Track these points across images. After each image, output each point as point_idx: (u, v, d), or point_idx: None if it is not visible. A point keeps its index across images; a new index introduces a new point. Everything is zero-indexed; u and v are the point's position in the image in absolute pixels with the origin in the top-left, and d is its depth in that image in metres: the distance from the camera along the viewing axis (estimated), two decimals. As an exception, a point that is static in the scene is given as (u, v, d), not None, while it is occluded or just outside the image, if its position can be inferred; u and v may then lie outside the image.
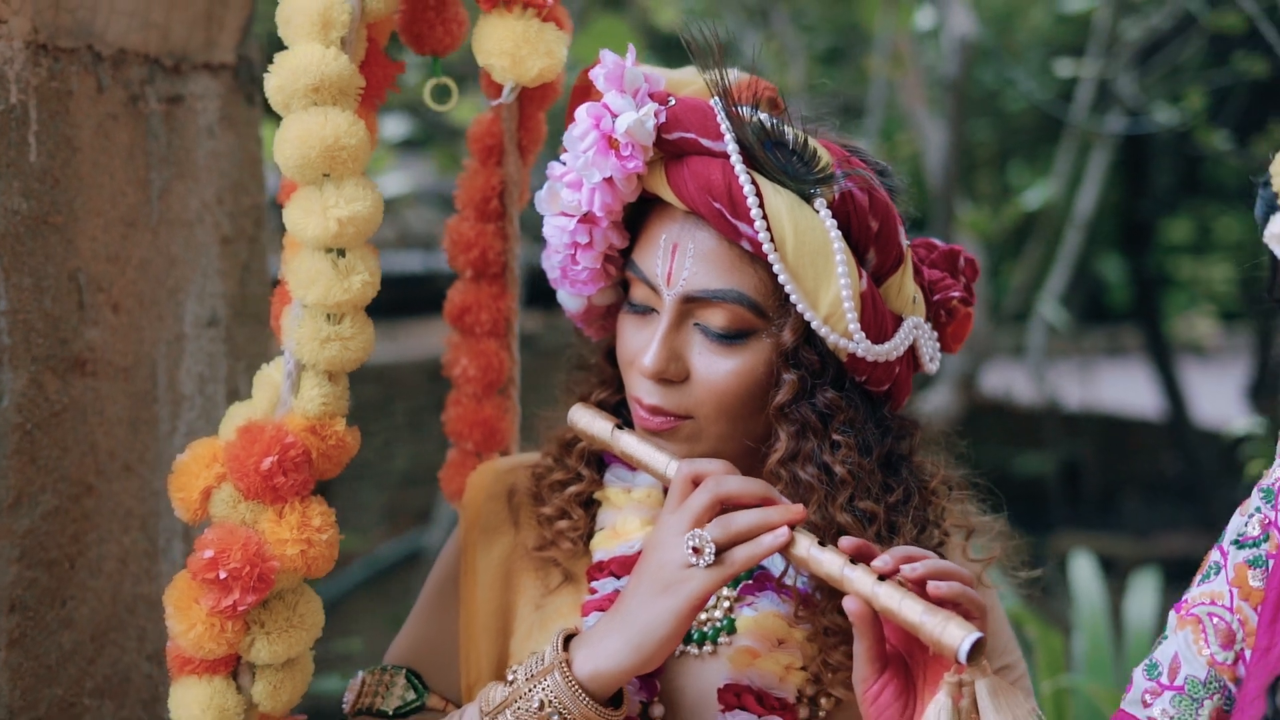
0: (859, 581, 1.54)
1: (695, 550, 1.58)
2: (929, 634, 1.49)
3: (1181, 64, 6.07)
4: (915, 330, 1.73)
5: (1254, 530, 1.61)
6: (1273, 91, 6.59)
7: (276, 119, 1.66)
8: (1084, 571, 4.06)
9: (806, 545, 1.59)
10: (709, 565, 1.58)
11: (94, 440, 1.96)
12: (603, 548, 1.79)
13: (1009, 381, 8.99)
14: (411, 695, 1.81)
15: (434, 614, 1.86)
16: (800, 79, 5.24)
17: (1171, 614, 1.64)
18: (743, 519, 1.59)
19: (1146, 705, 1.62)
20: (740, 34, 5.41)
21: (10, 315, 1.83)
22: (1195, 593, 1.63)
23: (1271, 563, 1.58)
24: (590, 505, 1.83)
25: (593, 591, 1.77)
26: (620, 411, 1.80)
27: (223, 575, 1.60)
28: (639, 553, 1.75)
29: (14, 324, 1.84)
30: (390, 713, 1.80)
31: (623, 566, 1.76)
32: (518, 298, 2.01)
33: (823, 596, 1.71)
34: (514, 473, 1.89)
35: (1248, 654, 1.58)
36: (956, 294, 1.80)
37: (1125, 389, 11.02)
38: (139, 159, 2.01)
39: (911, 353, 1.73)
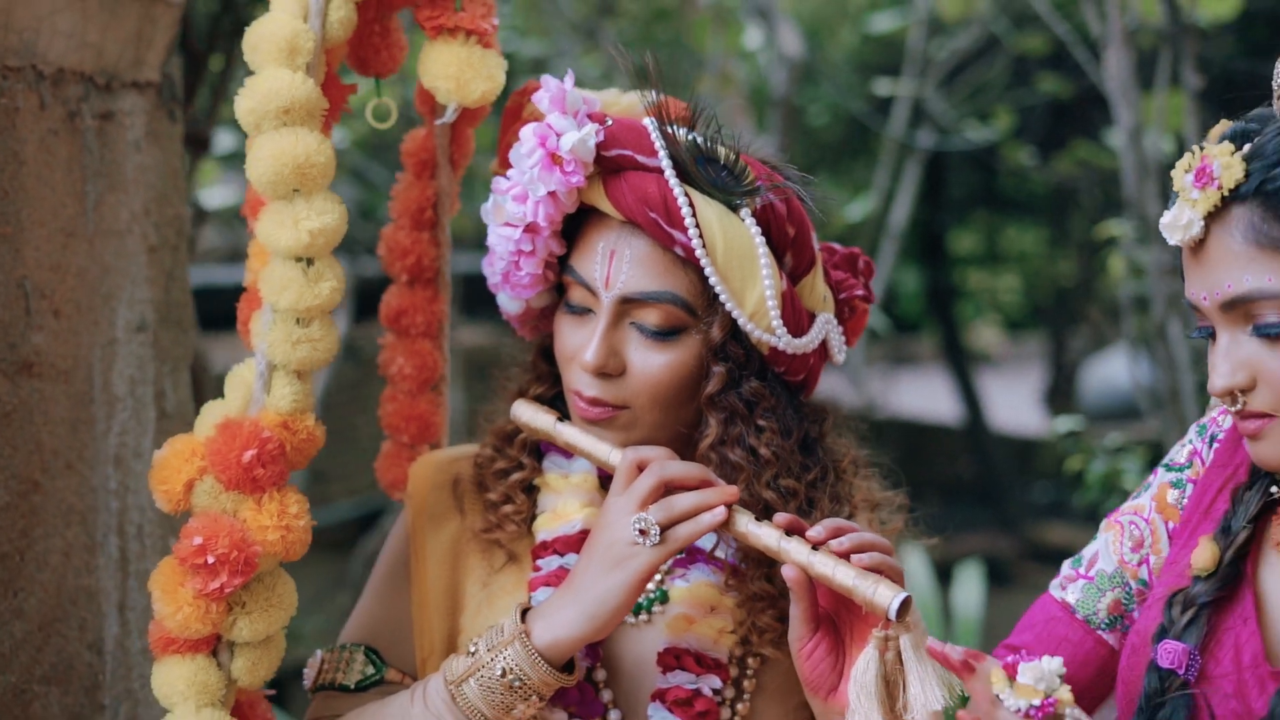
0: (795, 552, 1.72)
1: (642, 531, 1.75)
2: (862, 596, 1.68)
3: (987, 84, 6.41)
4: (826, 325, 1.92)
5: (1181, 458, 1.87)
6: (1072, 110, 7.01)
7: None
8: (912, 565, 4.32)
9: (744, 521, 1.77)
10: (655, 544, 1.75)
11: (40, 439, 2.06)
12: (546, 529, 1.95)
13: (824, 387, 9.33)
14: (371, 670, 1.95)
15: (386, 595, 2.00)
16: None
17: (1104, 520, 1.91)
18: (684, 500, 1.76)
19: (1064, 589, 1.88)
20: (568, 51, 5.59)
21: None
22: (1126, 504, 1.89)
23: (1191, 487, 1.82)
24: (531, 490, 1.99)
25: (537, 569, 1.93)
26: (556, 404, 1.96)
27: (211, 560, 1.72)
28: (580, 532, 1.92)
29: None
30: (352, 686, 1.93)
31: (565, 545, 1.92)
32: (448, 301, 2.16)
33: (749, 566, 1.89)
34: (456, 464, 2.04)
35: (1152, 560, 1.83)
36: (859, 292, 2.00)
37: (921, 395, 11.44)
38: (76, 172, 2.11)
39: (823, 346, 1.93)
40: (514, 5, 5.70)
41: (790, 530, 1.74)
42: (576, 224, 1.89)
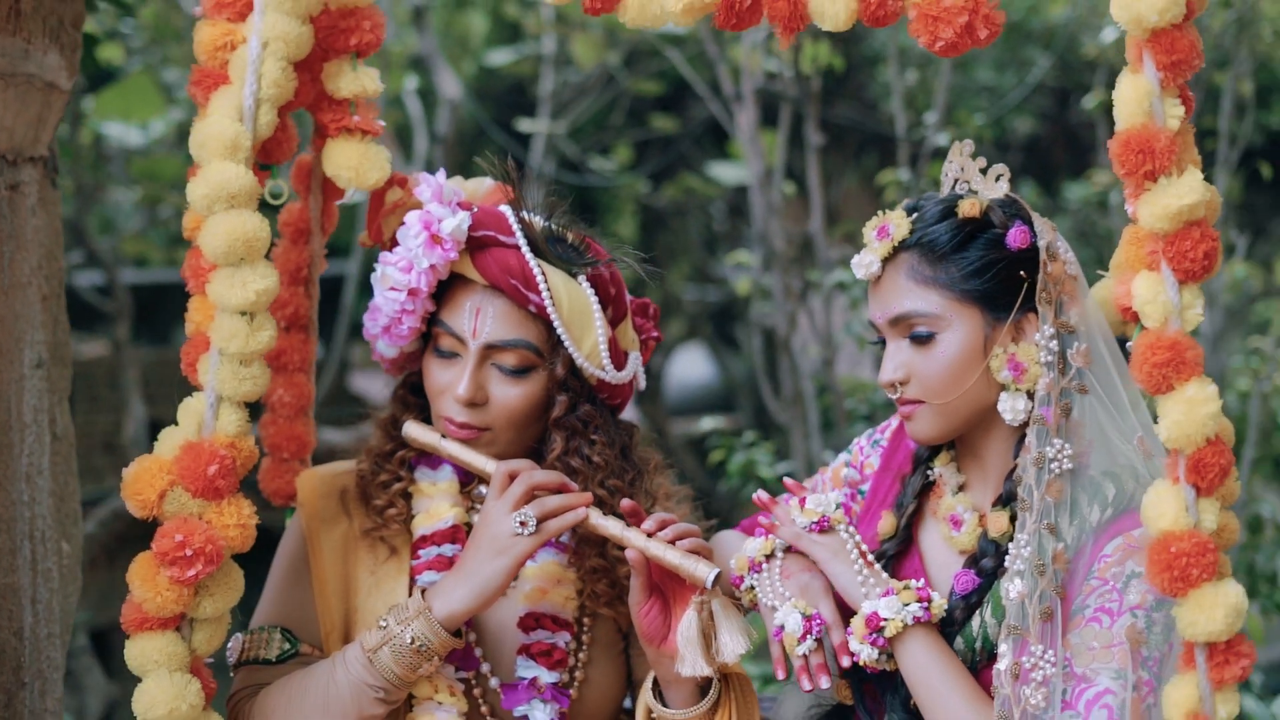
0: (635, 538, 2.31)
1: (522, 524, 2.30)
2: (686, 571, 2.28)
3: (609, 123, 7.14)
4: (636, 361, 2.53)
5: (853, 449, 2.61)
6: (677, 143, 7.85)
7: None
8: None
9: (596, 516, 2.34)
10: (531, 534, 2.32)
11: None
12: (424, 526, 2.48)
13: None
14: (288, 645, 2.43)
15: (290, 584, 2.49)
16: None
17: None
18: (554, 501, 2.32)
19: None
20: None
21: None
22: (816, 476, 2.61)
23: (854, 472, 2.54)
24: (406, 497, 2.52)
25: (418, 557, 2.46)
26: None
27: (189, 553, 2.18)
28: (451, 526, 2.46)
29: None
30: (274, 659, 2.42)
31: (441, 537, 2.46)
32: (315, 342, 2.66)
33: (585, 548, 2.48)
34: (340, 477, 2.55)
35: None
36: (654, 334, 2.62)
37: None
38: (-4, 236, 2.53)
39: (634, 376, 2.54)
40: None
41: (631, 521, 2.34)
42: (444, 287, 2.44)
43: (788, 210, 5.00)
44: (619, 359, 2.47)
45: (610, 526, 2.33)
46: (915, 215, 2.30)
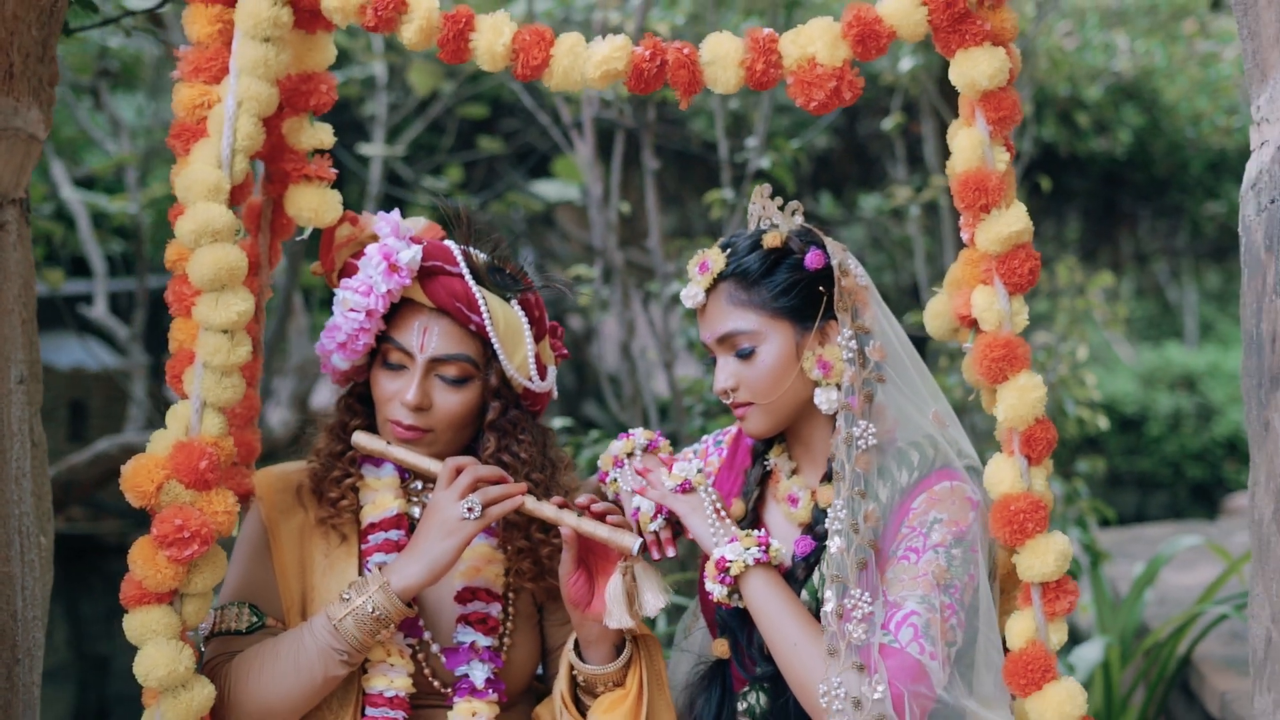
0: (569, 517, 2.73)
1: (470, 510, 2.71)
2: (615, 542, 2.71)
3: (439, 145, 7.61)
4: (553, 374, 2.96)
5: (699, 446, 3.08)
6: (505, 163, 8.39)
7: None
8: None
9: (531, 502, 2.76)
10: (477, 518, 2.72)
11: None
12: (371, 515, 2.87)
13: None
14: (255, 619, 2.81)
15: (253, 566, 2.86)
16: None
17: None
18: (494, 490, 2.74)
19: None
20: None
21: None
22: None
23: (701, 463, 2.85)
24: (354, 491, 2.91)
25: (367, 541, 2.85)
26: (367, 429, 2.90)
27: (186, 535, 2.55)
28: (396, 515, 2.85)
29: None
30: (244, 630, 2.79)
31: (387, 524, 2.85)
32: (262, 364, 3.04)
33: (511, 532, 2.89)
34: (293, 475, 2.94)
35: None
36: (564, 352, 3.04)
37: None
38: (-11, 268, 2.88)
39: (551, 388, 2.96)
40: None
41: (562, 506, 2.76)
42: (393, 309, 2.84)
43: (623, 227, 5.56)
44: (542, 371, 2.89)
45: (545, 510, 2.75)
46: (729, 250, 2.78)
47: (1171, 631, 5.63)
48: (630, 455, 2.83)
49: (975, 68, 2.55)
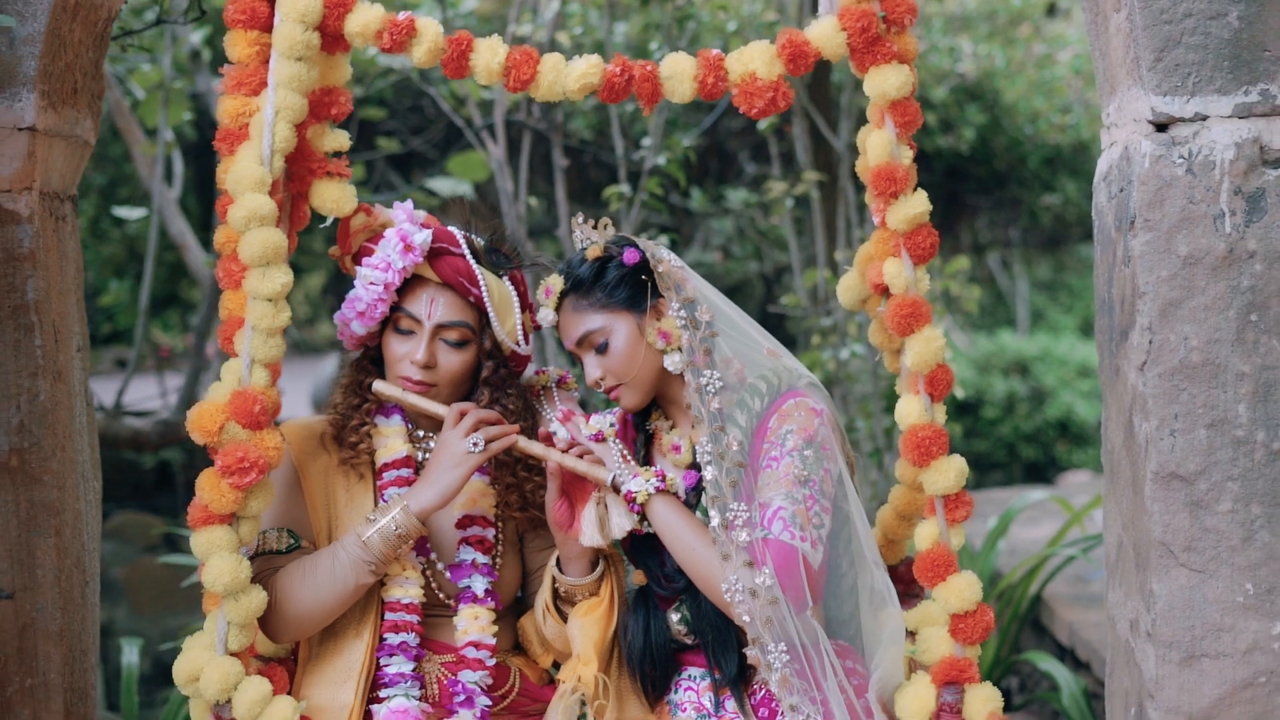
0: (554, 454, 3.30)
1: (474, 445, 3.27)
2: (592, 475, 3.26)
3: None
4: (532, 338, 3.53)
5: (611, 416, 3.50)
6: (404, 162, 8.99)
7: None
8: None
9: (524, 441, 3.33)
10: (480, 451, 3.29)
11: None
12: (384, 456, 3.40)
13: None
14: (292, 541, 3.34)
15: (288, 499, 3.38)
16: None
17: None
18: (494, 429, 3.30)
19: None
20: None
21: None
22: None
23: (615, 427, 3.40)
24: (369, 437, 3.45)
25: (382, 478, 3.39)
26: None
27: (246, 465, 3.08)
28: (405, 456, 3.38)
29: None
30: (283, 550, 3.32)
31: (398, 464, 3.38)
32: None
33: (502, 471, 3.45)
34: (315, 425, 3.47)
35: None
36: (536, 324, 3.58)
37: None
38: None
39: (530, 352, 3.54)
40: None
41: (548, 443, 3.34)
42: (404, 284, 3.37)
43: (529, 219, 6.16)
44: (526, 337, 3.47)
45: (534, 447, 3.32)
46: (566, 271, 3.34)
47: (1023, 574, 6.33)
48: (545, 388, 3.47)
49: (885, 81, 3.18)
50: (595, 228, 3.39)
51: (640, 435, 3.46)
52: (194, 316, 7.12)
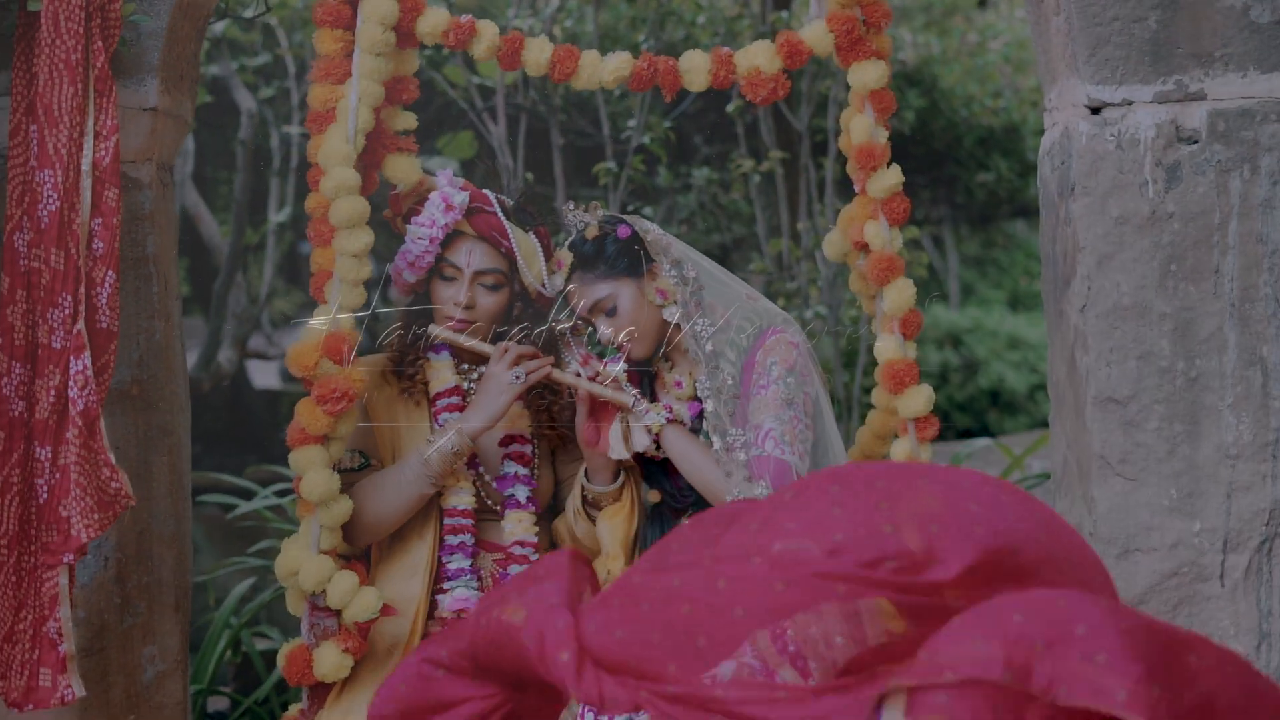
0: (583, 383, 3.89)
1: (517, 376, 3.88)
2: (616, 400, 3.87)
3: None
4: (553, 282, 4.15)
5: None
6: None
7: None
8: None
9: (557, 372, 3.93)
10: (521, 381, 3.91)
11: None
12: (436, 386, 3.97)
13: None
14: (363, 460, 3.92)
15: (359, 426, 4.02)
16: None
17: None
18: (533, 363, 3.90)
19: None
20: None
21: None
22: None
23: None
24: (424, 369, 4.07)
25: (435, 405, 3.98)
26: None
27: (338, 394, 3.68)
28: (454, 386, 3.97)
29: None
30: (356, 468, 3.91)
31: (449, 392, 3.93)
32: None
33: (532, 398, 4.05)
34: (378, 363, 4.04)
35: None
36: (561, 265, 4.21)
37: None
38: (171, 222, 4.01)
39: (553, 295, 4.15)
40: None
41: (579, 373, 3.97)
42: (445, 239, 3.95)
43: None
44: (550, 280, 4.08)
45: (566, 377, 3.91)
46: (571, 249, 3.84)
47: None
48: (563, 334, 3.94)
49: (866, 74, 3.82)
50: (586, 211, 3.93)
51: (643, 377, 4.00)
52: (216, 282, 7.66)
